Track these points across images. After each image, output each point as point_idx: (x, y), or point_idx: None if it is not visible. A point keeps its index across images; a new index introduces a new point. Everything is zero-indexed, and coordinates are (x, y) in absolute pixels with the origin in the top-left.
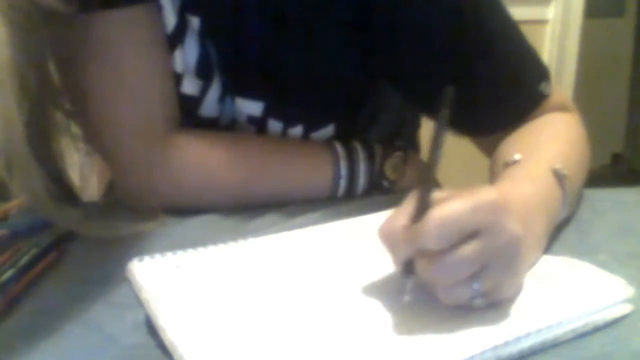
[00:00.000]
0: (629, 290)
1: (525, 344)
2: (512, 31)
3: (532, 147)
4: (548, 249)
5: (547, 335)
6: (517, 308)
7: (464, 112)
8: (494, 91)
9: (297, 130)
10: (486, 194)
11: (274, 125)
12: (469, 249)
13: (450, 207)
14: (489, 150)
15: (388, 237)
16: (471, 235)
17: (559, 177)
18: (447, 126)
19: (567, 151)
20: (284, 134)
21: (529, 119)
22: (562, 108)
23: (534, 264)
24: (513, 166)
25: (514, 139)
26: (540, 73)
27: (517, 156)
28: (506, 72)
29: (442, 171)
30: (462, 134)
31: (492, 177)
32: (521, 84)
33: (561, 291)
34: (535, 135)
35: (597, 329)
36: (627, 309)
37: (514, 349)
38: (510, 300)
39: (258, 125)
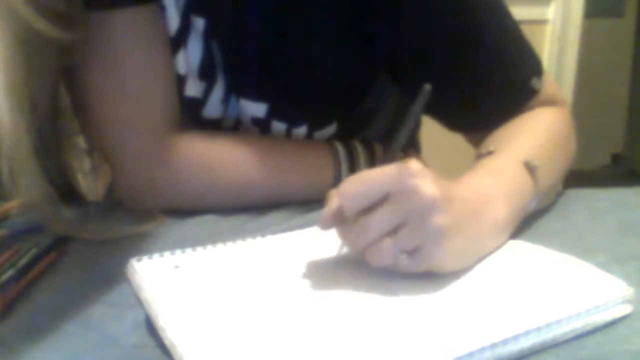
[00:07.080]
0: (628, 291)
1: (525, 343)
2: (509, 25)
3: (507, 140)
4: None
5: (547, 335)
6: (517, 307)
7: (459, 112)
8: (489, 88)
9: (301, 130)
10: (404, 163)
11: (278, 126)
12: (380, 210)
13: (367, 173)
14: (478, 143)
15: (329, 196)
16: (385, 199)
17: (530, 168)
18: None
19: (543, 144)
20: (288, 134)
21: (518, 114)
22: (551, 102)
23: (498, 247)
24: (484, 158)
25: (495, 134)
26: (533, 68)
27: (491, 148)
28: (501, 68)
29: (435, 167)
30: (455, 131)
31: None
32: (515, 80)
33: (561, 291)
34: (514, 130)
35: (597, 329)
36: (626, 309)
37: (514, 347)
38: (452, 272)
39: (262, 126)
